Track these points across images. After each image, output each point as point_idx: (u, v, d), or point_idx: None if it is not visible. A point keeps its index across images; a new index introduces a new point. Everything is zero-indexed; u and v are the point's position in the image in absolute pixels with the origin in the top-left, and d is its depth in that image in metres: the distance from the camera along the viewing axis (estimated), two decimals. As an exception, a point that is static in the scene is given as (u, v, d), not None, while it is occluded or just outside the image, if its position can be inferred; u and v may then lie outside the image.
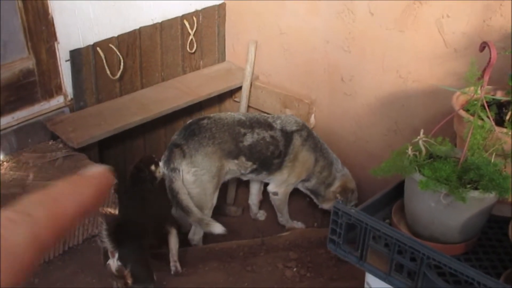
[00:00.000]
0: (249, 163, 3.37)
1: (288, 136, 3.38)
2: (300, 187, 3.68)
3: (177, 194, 3.12)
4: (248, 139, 3.32)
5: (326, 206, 3.62)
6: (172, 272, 2.93)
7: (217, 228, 2.94)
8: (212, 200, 3.36)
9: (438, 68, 3.13)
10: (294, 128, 3.41)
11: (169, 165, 3.26)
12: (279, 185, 3.52)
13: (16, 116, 3.27)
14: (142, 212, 2.79)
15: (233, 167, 3.40)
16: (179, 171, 3.24)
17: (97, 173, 0.72)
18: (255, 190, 3.89)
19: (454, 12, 2.96)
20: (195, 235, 3.46)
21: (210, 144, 3.24)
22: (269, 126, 3.39)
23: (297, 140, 3.38)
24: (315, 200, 3.69)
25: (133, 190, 3.01)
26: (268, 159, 3.38)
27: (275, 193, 3.56)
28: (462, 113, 2.15)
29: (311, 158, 3.45)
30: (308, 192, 3.68)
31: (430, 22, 3.07)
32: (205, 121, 3.34)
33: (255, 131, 3.34)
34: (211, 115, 3.46)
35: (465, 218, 1.93)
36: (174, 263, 2.93)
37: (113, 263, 2.44)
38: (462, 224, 1.95)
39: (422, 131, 2.04)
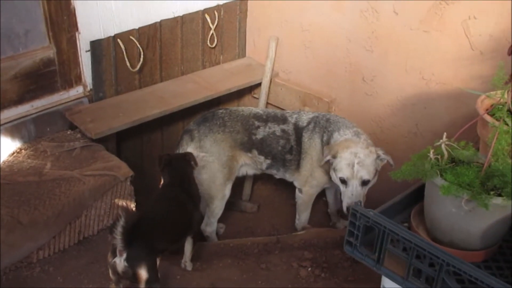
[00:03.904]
0: (262, 157, 3.34)
1: (299, 131, 3.29)
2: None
3: None
4: (261, 133, 3.30)
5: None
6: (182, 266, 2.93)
7: None
8: (223, 190, 3.35)
9: (463, 71, 3.07)
10: (305, 123, 3.31)
11: (175, 151, 3.34)
12: (303, 184, 3.41)
13: (36, 104, 3.28)
14: (165, 215, 2.70)
15: (248, 161, 3.38)
16: None
17: None
18: (331, 200, 3.75)
19: (481, 14, 2.90)
20: (207, 226, 3.46)
21: (220, 131, 3.26)
22: (283, 120, 3.33)
23: (304, 137, 3.27)
24: None
25: (165, 189, 2.93)
26: (280, 154, 3.32)
27: (300, 190, 3.45)
28: (487, 117, 2.10)
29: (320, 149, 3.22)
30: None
31: (456, 23, 3.01)
32: (221, 111, 3.38)
33: (268, 125, 3.31)
34: (230, 107, 3.47)
35: (487, 225, 1.89)
36: (184, 262, 2.92)
37: (120, 262, 2.34)
38: (484, 231, 1.91)
39: (445, 135, 2.00)
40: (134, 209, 3.07)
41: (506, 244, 2.12)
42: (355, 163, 2.93)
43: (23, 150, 3.23)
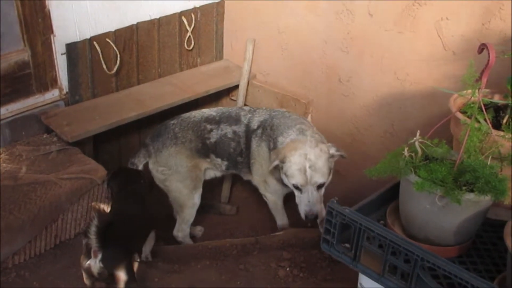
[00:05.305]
0: (219, 160, 3.30)
1: (249, 134, 3.19)
2: None
3: None
4: (214, 136, 3.23)
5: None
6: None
7: None
8: (192, 199, 3.33)
9: (436, 71, 3.12)
10: (255, 126, 3.17)
11: (130, 159, 3.33)
12: (263, 190, 3.35)
13: (11, 108, 3.24)
14: (136, 213, 2.69)
15: (209, 166, 3.35)
16: (137, 167, 3.29)
17: None
18: None
19: (453, 15, 2.95)
20: (179, 232, 3.45)
21: (172, 145, 3.23)
22: (236, 121, 3.23)
23: (253, 143, 3.18)
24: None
25: (128, 189, 2.90)
26: (232, 156, 3.26)
27: (264, 196, 3.40)
28: (459, 115, 2.14)
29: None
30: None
31: (429, 24, 3.06)
32: (172, 121, 3.32)
33: (220, 126, 3.24)
34: (183, 114, 3.39)
35: (460, 220, 1.92)
36: (146, 255, 2.90)
37: (95, 264, 2.29)
38: (457, 226, 1.94)
39: (418, 132, 2.04)
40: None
41: (479, 239, 2.16)
42: (307, 167, 2.79)
43: (-2, 154, 3.19)
